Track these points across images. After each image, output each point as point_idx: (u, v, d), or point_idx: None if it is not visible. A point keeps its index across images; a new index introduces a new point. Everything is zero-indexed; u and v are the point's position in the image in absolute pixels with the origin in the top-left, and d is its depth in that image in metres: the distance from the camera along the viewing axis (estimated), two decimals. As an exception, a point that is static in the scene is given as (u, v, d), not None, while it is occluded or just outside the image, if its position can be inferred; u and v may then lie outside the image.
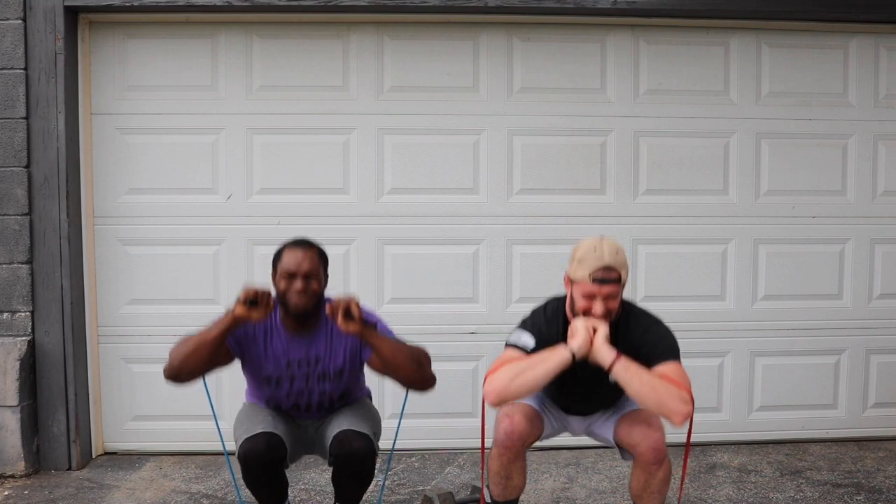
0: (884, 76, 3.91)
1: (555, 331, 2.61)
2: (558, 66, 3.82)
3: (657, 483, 2.56)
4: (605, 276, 2.47)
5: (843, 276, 3.96)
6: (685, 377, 2.48)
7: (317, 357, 2.70)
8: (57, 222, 3.56)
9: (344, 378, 2.75)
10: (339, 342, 2.70)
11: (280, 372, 2.70)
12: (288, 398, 2.74)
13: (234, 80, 3.76)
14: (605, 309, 2.49)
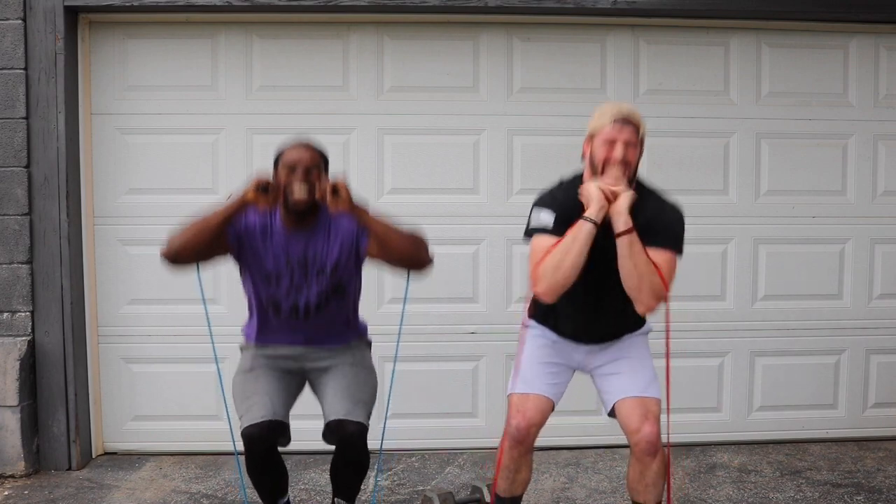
0: (884, 76, 3.91)
1: (573, 195, 2.56)
2: (558, 66, 3.82)
3: (652, 475, 2.57)
4: (625, 120, 2.50)
5: (843, 276, 3.96)
6: (673, 271, 2.52)
7: (314, 253, 2.68)
8: (57, 222, 3.56)
9: (339, 272, 2.69)
10: (337, 238, 2.70)
11: (280, 268, 2.67)
12: (287, 296, 2.69)
13: (234, 80, 3.76)
14: (623, 154, 2.48)
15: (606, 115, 2.54)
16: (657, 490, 2.59)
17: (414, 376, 3.87)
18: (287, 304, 2.71)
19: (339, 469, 2.77)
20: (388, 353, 3.84)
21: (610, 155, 2.50)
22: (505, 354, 3.90)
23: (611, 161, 2.50)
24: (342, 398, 2.70)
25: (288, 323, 2.75)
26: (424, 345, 3.85)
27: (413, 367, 3.86)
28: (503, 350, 3.89)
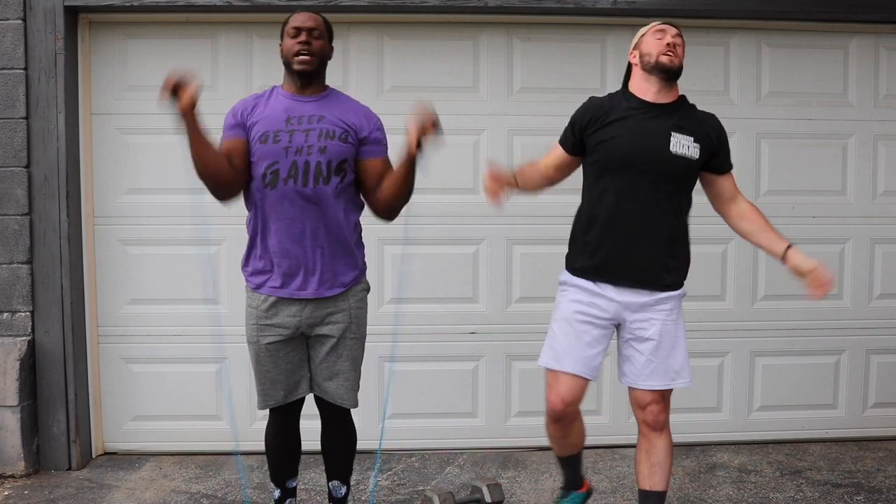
0: (884, 76, 3.91)
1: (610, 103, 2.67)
2: (558, 66, 3.82)
3: (659, 453, 2.63)
4: (671, 22, 2.63)
5: (842, 276, 3.97)
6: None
7: (321, 116, 2.59)
8: (57, 222, 3.56)
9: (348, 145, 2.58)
10: (347, 114, 2.63)
11: (279, 126, 2.55)
12: (286, 154, 2.52)
13: (235, 80, 3.76)
14: (674, 44, 2.56)
15: (651, 25, 2.65)
16: (663, 472, 2.63)
17: (414, 376, 3.87)
18: (286, 164, 2.52)
19: (331, 445, 2.84)
20: (389, 353, 3.86)
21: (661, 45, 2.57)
22: (505, 354, 3.90)
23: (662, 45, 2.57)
24: (336, 382, 2.71)
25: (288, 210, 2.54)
26: (424, 345, 3.85)
27: (413, 367, 3.86)
28: (503, 350, 3.89)
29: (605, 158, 2.60)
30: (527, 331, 3.88)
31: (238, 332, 3.79)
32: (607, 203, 2.59)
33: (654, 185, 2.54)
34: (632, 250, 2.57)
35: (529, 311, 3.87)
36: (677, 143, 2.55)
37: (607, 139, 2.58)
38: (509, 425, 3.93)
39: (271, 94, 2.66)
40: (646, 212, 2.55)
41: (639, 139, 2.54)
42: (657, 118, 2.56)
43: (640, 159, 2.53)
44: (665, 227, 2.58)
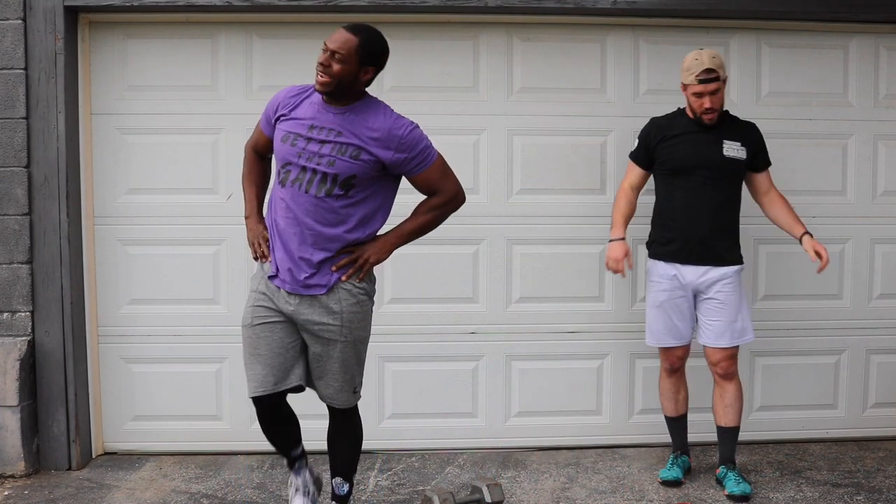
0: (884, 76, 3.91)
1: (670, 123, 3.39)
2: (558, 66, 3.82)
3: (729, 396, 3.39)
4: (707, 77, 3.19)
5: (843, 276, 3.96)
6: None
7: (339, 131, 2.62)
8: (57, 222, 3.56)
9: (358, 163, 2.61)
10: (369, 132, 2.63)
11: (301, 130, 2.64)
12: (299, 157, 2.61)
13: (234, 80, 3.76)
14: (711, 103, 3.22)
15: (692, 73, 3.21)
16: (734, 411, 3.39)
17: (414, 376, 3.87)
18: (296, 168, 2.62)
19: (334, 441, 2.90)
20: (388, 353, 3.86)
21: (702, 104, 3.24)
22: (505, 354, 3.90)
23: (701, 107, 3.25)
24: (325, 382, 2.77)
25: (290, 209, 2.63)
26: (424, 345, 3.85)
27: (413, 367, 3.86)
28: (503, 350, 3.89)
29: (675, 165, 3.31)
30: (527, 331, 3.88)
31: (238, 331, 3.80)
32: (679, 199, 3.32)
33: (714, 183, 3.28)
34: (701, 235, 3.29)
35: (529, 311, 3.87)
36: (729, 148, 3.28)
37: (674, 150, 3.31)
38: (509, 425, 3.93)
39: (311, 95, 2.70)
40: (710, 204, 3.28)
41: (699, 148, 3.28)
42: (710, 131, 3.30)
43: (702, 164, 3.27)
44: (723, 214, 3.32)
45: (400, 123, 2.67)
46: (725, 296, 3.32)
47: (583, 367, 3.93)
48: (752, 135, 3.36)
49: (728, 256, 3.34)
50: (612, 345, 3.93)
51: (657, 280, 3.40)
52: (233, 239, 3.78)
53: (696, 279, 3.32)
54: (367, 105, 2.67)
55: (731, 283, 3.33)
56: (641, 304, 3.91)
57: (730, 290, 3.32)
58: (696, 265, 3.32)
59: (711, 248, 3.30)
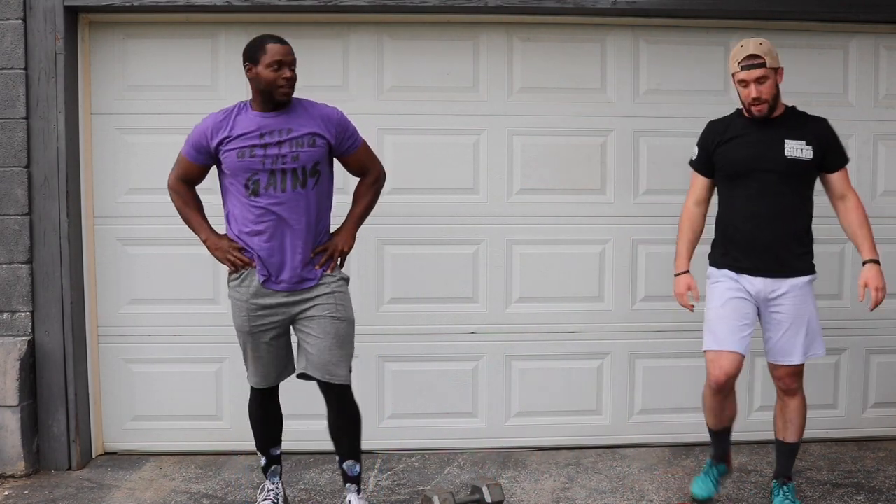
0: (884, 76, 3.91)
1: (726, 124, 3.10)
2: (558, 66, 3.82)
3: (790, 412, 3.11)
4: (751, 63, 2.91)
5: (842, 276, 3.97)
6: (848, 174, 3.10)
7: (289, 128, 2.84)
8: (57, 222, 3.56)
9: (317, 148, 2.86)
10: (311, 122, 2.87)
11: (253, 141, 2.82)
12: (263, 164, 2.81)
13: (234, 80, 3.76)
14: (758, 92, 2.91)
15: (735, 60, 2.94)
16: (794, 427, 3.11)
17: (414, 376, 3.87)
18: (265, 175, 2.82)
19: (337, 426, 2.99)
20: (388, 353, 3.86)
21: (749, 96, 2.93)
22: (505, 354, 3.90)
23: (748, 97, 2.94)
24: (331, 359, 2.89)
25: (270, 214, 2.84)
26: (424, 345, 3.85)
27: (413, 367, 3.86)
28: (503, 350, 3.89)
29: (733, 169, 3.03)
30: (527, 331, 3.88)
31: (238, 332, 3.80)
32: (739, 206, 3.04)
33: (777, 187, 2.98)
34: (765, 244, 3.01)
35: (529, 311, 3.87)
36: (792, 147, 2.97)
37: (732, 152, 3.03)
38: (509, 425, 3.93)
39: (240, 112, 2.89)
40: (773, 209, 3.00)
41: (758, 149, 2.99)
42: (771, 129, 3.00)
43: (762, 167, 2.98)
44: (791, 220, 3.02)
45: (329, 108, 2.94)
46: (794, 308, 3.02)
47: (583, 367, 3.93)
48: (820, 131, 3.03)
49: (797, 265, 3.05)
50: (612, 345, 3.93)
51: (721, 279, 3.11)
52: (233, 239, 3.77)
53: (761, 290, 3.04)
54: (297, 103, 2.91)
55: (801, 294, 3.03)
56: (641, 303, 3.92)
57: (799, 303, 3.03)
58: (761, 276, 3.04)
59: (777, 258, 3.02)
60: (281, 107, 2.86)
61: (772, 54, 2.93)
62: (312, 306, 2.89)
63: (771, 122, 3.00)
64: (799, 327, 3.03)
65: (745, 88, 2.94)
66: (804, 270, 3.06)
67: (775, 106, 2.99)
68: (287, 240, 2.86)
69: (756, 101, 2.93)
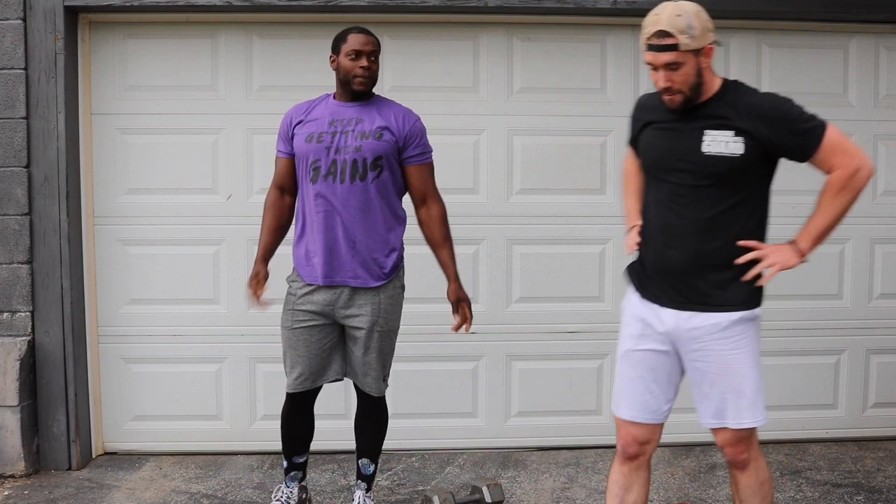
0: (884, 76, 3.91)
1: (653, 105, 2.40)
2: (558, 66, 3.82)
3: (744, 490, 2.41)
4: (658, 43, 2.19)
5: (843, 276, 3.96)
6: (843, 139, 2.27)
7: (359, 119, 2.86)
8: (57, 222, 3.56)
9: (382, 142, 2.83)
10: (385, 115, 2.90)
11: (323, 128, 2.85)
12: (328, 153, 2.81)
13: (234, 80, 3.76)
14: (667, 81, 2.21)
15: (643, 34, 2.24)
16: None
17: (414, 376, 3.87)
18: (326, 162, 2.81)
19: (362, 425, 3.05)
20: (389, 353, 3.86)
21: (655, 83, 2.27)
22: (505, 354, 3.90)
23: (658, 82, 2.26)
24: (365, 372, 2.94)
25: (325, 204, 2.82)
26: (424, 345, 3.85)
27: (413, 367, 3.86)
28: (503, 350, 3.89)
29: (645, 166, 2.43)
30: (527, 331, 3.88)
31: (238, 332, 3.82)
32: (651, 215, 2.40)
33: (695, 191, 2.28)
34: (674, 265, 2.32)
35: (529, 311, 3.87)
36: (712, 141, 2.25)
37: (644, 144, 2.41)
38: (509, 425, 3.93)
39: (322, 101, 2.94)
40: (686, 221, 2.30)
41: (671, 143, 2.32)
42: (692, 117, 2.29)
43: (673, 165, 2.30)
44: (712, 237, 2.29)
45: (410, 111, 2.97)
46: (717, 355, 2.29)
47: (583, 367, 3.93)
48: (762, 112, 2.24)
49: (719, 297, 2.30)
50: (612, 345, 3.88)
51: (626, 321, 2.47)
52: (233, 239, 3.78)
53: (673, 328, 2.34)
54: (378, 100, 2.96)
55: (727, 336, 2.29)
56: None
57: (727, 348, 2.29)
58: (672, 308, 2.33)
59: (690, 286, 2.31)
60: (360, 98, 2.88)
61: (693, 30, 2.17)
62: (357, 315, 2.88)
63: (696, 108, 2.29)
64: (726, 380, 2.30)
65: (654, 73, 2.24)
66: (732, 304, 2.30)
67: (697, 95, 2.26)
68: (339, 232, 2.82)
69: (667, 91, 2.24)
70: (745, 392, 2.30)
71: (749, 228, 2.34)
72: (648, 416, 2.41)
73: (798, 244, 2.36)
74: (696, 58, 2.20)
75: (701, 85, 2.25)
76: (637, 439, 2.43)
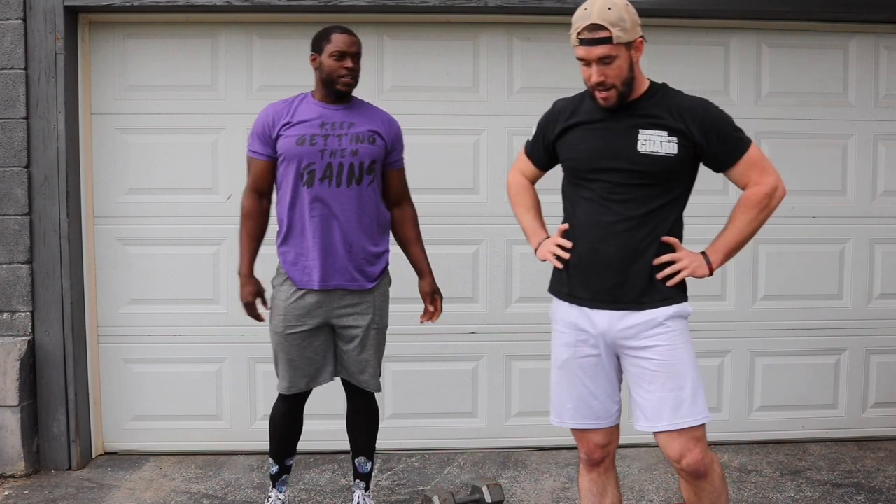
0: (884, 76, 3.91)
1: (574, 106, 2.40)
2: (558, 66, 3.82)
3: (708, 496, 2.32)
4: (592, 37, 2.18)
5: (843, 276, 3.96)
6: (764, 157, 2.35)
7: (351, 122, 2.85)
8: (57, 222, 3.56)
9: (376, 146, 2.86)
10: (373, 121, 2.90)
11: (314, 130, 2.81)
12: (322, 157, 2.78)
13: (234, 80, 3.76)
14: (601, 75, 2.21)
15: (574, 28, 2.23)
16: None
17: (414, 376, 3.87)
18: (321, 165, 2.78)
19: (356, 424, 3.05)
20: (388, 353, 3.84)
21: (588, 79, 2.26)
22: (505, 354, 3.90)
23: (590, 87, 2.27)
24: (362, 370, 2.94)
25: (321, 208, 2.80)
26: (424, 345, 3.85)
27: (413, 367, 3.86)
28: (503, 350, 3.89)
29: (574, 166, 2.38)
30: (527, 331, 3.88)
31: (238, 332, 3.81)
32: (580, 214, 2.35)
33: (627, 191, 2.28)
34: (607, 263, 2.30)
35: (529, 311, 3.87)
36: (647, 140, 2.26)
37: (573, 144, 2.37)
38: (509, 425, 3.93)
39: (302, 101, 2.89)
40: (621, 219, 2.29)
41: (605, 142, 2.30)
42: (624, 116, 2.29)
43: (608, 164, 2.29)
44: (647, 234, 2.29)
45: (392, 117, 2.98)
46: (656, 352, 2.27)
47: (583, 367, 3.92)
48: (693, 116, 2.27)
49: (651, 295, 2.29)
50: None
51: (558, 329, 2.41)
52: (232, 239, 3.76)
53: (607, 329, 2.31)
54: (359, 102, 2.94)
55: (665, 332, 2.27)
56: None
57: (662, 343, 2.26)
58: (605, 309, 2.31)
59: (625, 283, 2.29)
60: (343, 100, 2.87)
61: (624, 23, 2.18)
62: (352, 314, 2.88)
63: (626, 106, 2.29)
64: (664, 379, 2.26)
65: (585, 67, 2.25)
66: (665, 299, 2.30)
67: (629, 90, 2.27)
68: (337, 235, 2.81)
69: (600, 86, 2.23)
70: (684, 389, 2.26)
71: (675, 227, 2.35)
72: (600, 421, 2.40)
73: (709, 256, 2.36)
74: (628, 51, 2.23)
75: (633, 80, 2.27)
76: (598, 444, 2.43)
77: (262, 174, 2.88)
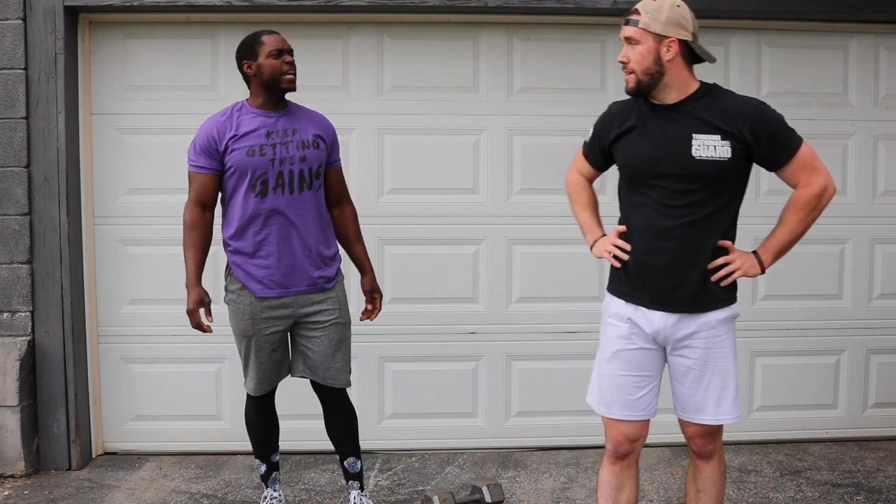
0: (884, 76, 3.91)
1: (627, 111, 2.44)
2: (558, 66, 3.82)
3: (705, 480, 2.48)
4: (628, 17, 2.36)
5: (843, 276, 3.96)
6: (815, 157, 2.36)
7: (294, 129, 2.85)
8: (57, 222, 3.56)
9: (321, 150, 2.88)
10: (313, 124, 2.91)
11: (262, 140, 2.80)
12: (273, 166, 2.78)
13: (234, 80, 3.74)
14: (623, 56, 2.32)
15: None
16: (709, 499, 2.48)
17: (414, 376, 3.87)
18: (273, 175, 2.78)
19: (337, 426, 3.03)
20: (388, 353, 3.86)
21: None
22: (505, 354, 3.90)
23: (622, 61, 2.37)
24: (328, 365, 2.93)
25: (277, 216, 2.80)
26: (424, 345, 3.85)
27: (413, 367, 3.86)
28: (503, 350, 3.89)
29: (631, 171, 2.41)
30: (527, 331, 3.88)
31: (238, 332, 3.79)
32: (636, 218, 2.39)
33: (683, 196, 2.30)
34: (665, 268, 2.33)
35: (529, 311, 3.87)
36: (700, 145, 2.28)
37: (629, 150, 2.39)
38: (509, 425, 3.93)
39: (240, 111, 2.86)
40: (677, 224, 2.31)
41: (659, 147, 2.32)
42: (676, 120, 2.31)
43: (663, 170, 2.30)
44: (703, 239, 2.32)
45: (325, 117, 2.99)
46: (704, 352, 2.35)
47: (583, 367, 3.90)
48: (745, 119, 2.28)
49: (709, 297, 2.34)
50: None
51: (611, 322, 2.45)
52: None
53: (661, 329, 2.37)
54: (294, 107, 2.93)
55: (715, 334, 2.35)
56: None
57: (711, 345, 2.35)
58: (660, 311, 2.36)
59: (681, 287, 2.33)
60: (281, 105, 2.86)
61: (659, 14, 2.27)
62: (317, 311, 2.89)
63: (677, 109, 2.31)
64: (711, 377, 2.37)
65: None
66: (720, 302, 2.36)
67: (653, 84, 2.32)
68: (295, 242, 2.83)
69: (623, 67, 2.34)
70: (728, 389, 2.38)
71: (730, 228, 2.40)
72: (639, 413, 2.44)
73: (760, 256, 2.40)
74: (655, 43, 2.28)
75: (660, 76, 2.31)
76: (628, 437, 2.45)
77: (207, 188, 2.85)
